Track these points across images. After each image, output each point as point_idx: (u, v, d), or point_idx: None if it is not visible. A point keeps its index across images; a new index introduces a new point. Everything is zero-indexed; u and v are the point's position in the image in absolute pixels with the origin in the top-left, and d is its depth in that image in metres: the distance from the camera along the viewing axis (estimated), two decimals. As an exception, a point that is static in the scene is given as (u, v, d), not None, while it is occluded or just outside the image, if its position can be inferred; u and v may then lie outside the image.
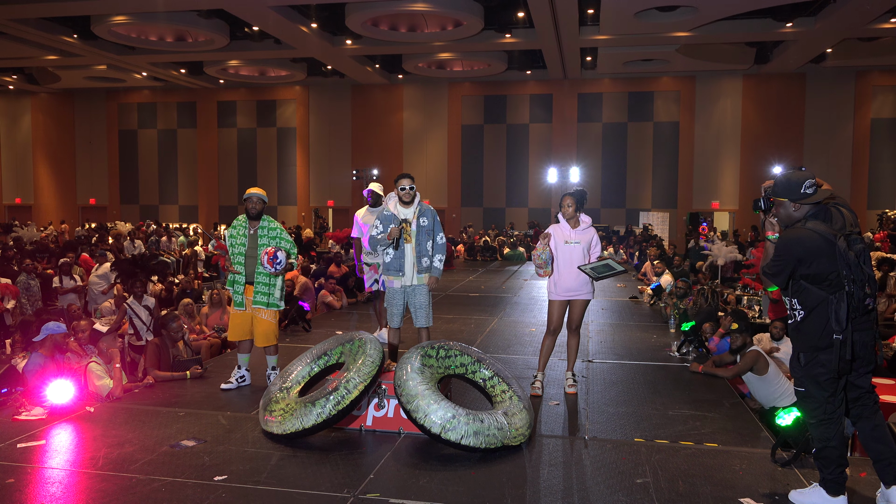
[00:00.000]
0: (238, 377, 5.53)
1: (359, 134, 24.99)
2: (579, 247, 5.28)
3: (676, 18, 15.92)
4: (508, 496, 3.53)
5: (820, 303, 3.27)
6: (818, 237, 3.26)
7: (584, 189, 5.67)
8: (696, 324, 7.02)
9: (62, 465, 3.89)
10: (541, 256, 5.27)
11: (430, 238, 5.33)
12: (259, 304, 5.44)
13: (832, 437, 3.31)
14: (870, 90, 21.79)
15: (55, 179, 27.67)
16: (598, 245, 5.41)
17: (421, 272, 5.30)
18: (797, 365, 3.42)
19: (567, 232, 5.33)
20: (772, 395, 5.73)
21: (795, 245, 3.29)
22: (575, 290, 5.31)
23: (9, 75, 24.48)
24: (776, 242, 3.44)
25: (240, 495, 3.50)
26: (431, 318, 5.44)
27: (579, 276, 5.22)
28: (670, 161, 23.19)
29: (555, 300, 5.38)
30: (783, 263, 3.33)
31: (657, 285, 10.09)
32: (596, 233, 5.43)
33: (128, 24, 16.74)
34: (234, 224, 5.58)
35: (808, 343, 3.34)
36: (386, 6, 15.56)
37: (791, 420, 4.00)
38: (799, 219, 3.39)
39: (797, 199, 3.36)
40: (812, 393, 3.35)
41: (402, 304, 5.37)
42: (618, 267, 5.23)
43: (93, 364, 5.21)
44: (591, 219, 5.49)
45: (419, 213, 5.31)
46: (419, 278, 5.31)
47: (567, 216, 5.35)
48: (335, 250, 14.04)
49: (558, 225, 5.41)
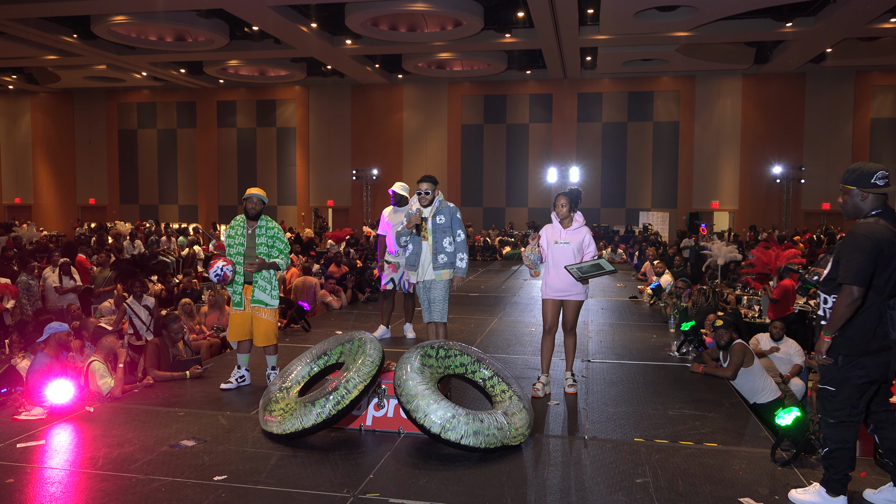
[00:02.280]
0: (238, 377, 5.53)
1: (358, 134, 24.99)
2: (569, 247, 5.22)
3: (676, 18, 15.93)
4: (508, 496, 3.53)
5: (870, 306, 3.14)
6: (891, 234, 3.10)
7: (580, 189, 5.68)
8: (696, 323, 7.02)
9: (62, 465, 3.89)
10: (529, 257, 5.28)
11: (448, 236, 5.56)
12: (258, 302, 5.44)
13: (850, 439, 3.28)
14: (869, 90, 21.80)
15: (55, 179, 27.67)
16: (592, 245, 5.30)
17: (437, 268, 5.50)
18: (832, 366, 3.28)
19: (558, 232, 5.29)
20: (754, 388, 5.79)
21: (870, 238, 3.09)
22: (564, 291, 5.24)
23: (9, 75, 24.49)
24: (844, 239, 3.23)
25: (240, 495, 3.50)
26: (446, 314, 5.61)
27: (568, 276, 5.15)
28: (670, 161, 23.19)
29: (546, 299, 5.36)
30: (864, 259, 3.08)
31: (657, 285, 10.09)
32: (589, 232, 5.34)
33: (127, 23, 16.74)
34: (232, 224, 5.57)
35: (854, 346, 3.19)
36: (386, 6, 15.56)
37: (791, 420, 3.99)
38: (866, 211, 3.23)
39: (866, 188, 3.21)
40: (842, 395, 3.25)
41: (425, 299, 5.65)
42: (608, 266, 5.12)
43: (95, 363, 5.22)
44: (584, 218, 5.43)
45: (436, 211, 5.60)
46: (437, 274, 5.51)
47: (561, 216, 5.28)
48: (335, 250, 14.04)
49: (551, 225, 5.39)
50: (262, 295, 5.43)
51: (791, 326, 8.30)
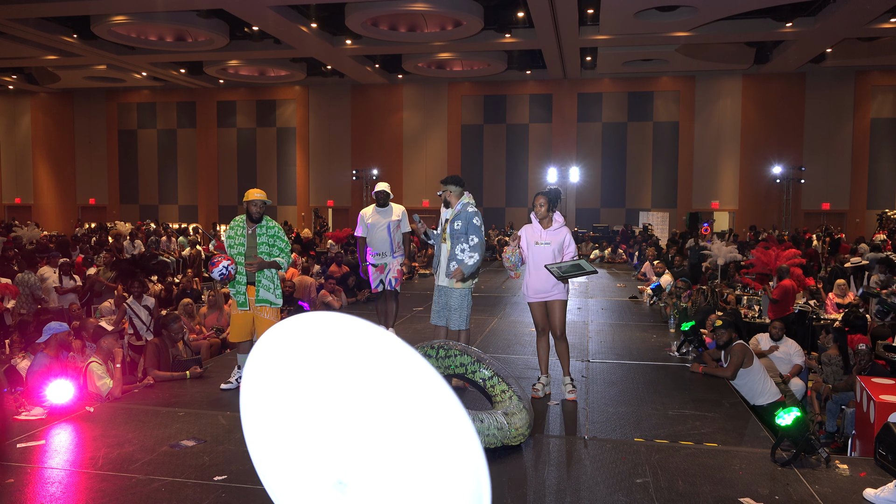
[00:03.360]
0: (238, 377, 5.52)
1: (358, 134, 25.00)
2: (549, 248, 5.14)
3: (676, 18, 15.92)
4: (508, 496, 3.53)
5: None
6: None
7: (559, 188, 5.63)
8: (696, 323, 7.02)
9: (62, 465, 3.89)
10: (509, 259, 5.18)
11: (464, 242, 5.36)
12: (263, 302, 5.43)
13: None
14: (869, 90, 21.79)
15: (55, 179, 27.67)
16: (572, 245, 5.22)
17: (449, 274, 5.36)
18: None
19: (538, 233, 5.22)
20: (754, 389, 5.79)
21: None
22: (545, 292, 5.17)
23: (9, 75, 24.48)
24: None
25: (240, 495, 3.50)
26: (466, 320, 5.44)
27: (549, 277, 5.08)
28: (670, 161, 23.19)
29: (531, 302, 5.30)
30: None
31: (657, 285, 10.09)
32: (569, 232, 5.25)
33: (127, 23, 16.74)
34: (232, 224, 5.57)
35: None
36: (386, 6, 15.56)
37: (791, 420, 3.99)
38: None
39: None
40: None
41: (441, 301, 5.51)
42: (588, 267, 5.05)
43: (93, 364, 5.22)
44: (563, 218, 5.35)
45: (455, 216, 5.41)
46: (450, 281, 5.38)
47: (539, 216, 5.21)
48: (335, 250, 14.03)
49: (530, 225, 5.31)
50: (268, 294, 5.42)
51: (791, 326, 8.31)
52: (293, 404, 1.34)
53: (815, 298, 10.09)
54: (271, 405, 1.37)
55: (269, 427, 1.41)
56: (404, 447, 1.22)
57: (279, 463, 1.43)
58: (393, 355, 1.21)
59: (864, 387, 5.07)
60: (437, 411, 1.21)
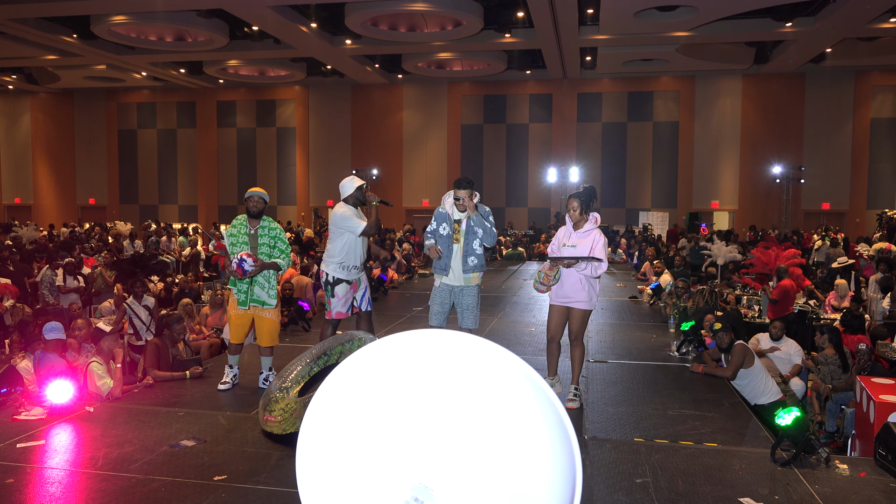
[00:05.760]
0: (231, 376, 5.52)
1: (358, 134, 24.99)
2: (574, 251, 5.04)
3: (676, 18, 15.93)
4: (508, 496, 3.53)
5: None
6: None
7: (593, 186, 5.39)
8: (696, 323, 7.02)
9: (62, 465, 3.89)
10: (553, 278, 5.04)
11: (477, 237, 5.22)
12: (257, 301, 5.41)
13: None
14: (869, 90, 21.80)
15: (55, 179, 27.67)
16: (597, 251, 4.96)
17: (467, 271, 5.23)
18: None
19: (567, 235, 5.17)
20: (755, 389, 5.80)
21: None
22: (567, 298, 5.10)
23: (8, 75, 24.47)
24: None
25: (240, 495, 3.50)
26: (478, 320, 5.35)
27: (575, 282, 5.01)
28: (670, 161, 23.19)
29: (553, 304, 5.25)
30: None
31: (657, 285, 10.09)
32: (600, 237, 5.00)
33: (127, 23, 16.74)
34: (233, 223, 5.55)
35: None
36: (386, 6, 15.56)
37: (791, 420, 3.99)
38: None
39: None
40: None
41: (445, 303, 5.32)
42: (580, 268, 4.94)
43: (93, 364, 5.22)
44: (598, 218, 5.19)
45: (469, 216, 5.24)
46: (466, 278, 5.25)
47: (573, 220, 5.13)
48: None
49: (565, 227, 5.26)
50: (261, 293, 5.40)
51: (791, 326, 8.31)
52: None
53: (815, 299, 10.11)
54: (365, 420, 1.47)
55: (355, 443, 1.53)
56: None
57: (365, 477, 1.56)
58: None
59: (863, 387, 5.07)
60: None
